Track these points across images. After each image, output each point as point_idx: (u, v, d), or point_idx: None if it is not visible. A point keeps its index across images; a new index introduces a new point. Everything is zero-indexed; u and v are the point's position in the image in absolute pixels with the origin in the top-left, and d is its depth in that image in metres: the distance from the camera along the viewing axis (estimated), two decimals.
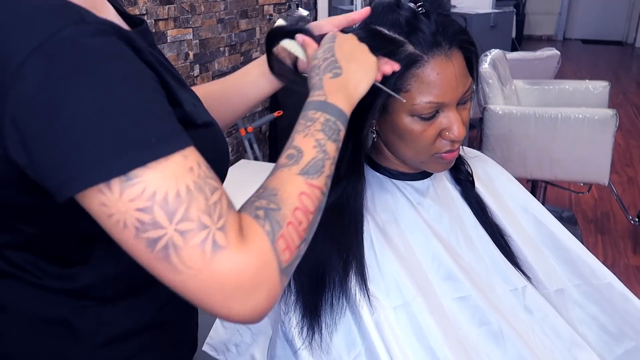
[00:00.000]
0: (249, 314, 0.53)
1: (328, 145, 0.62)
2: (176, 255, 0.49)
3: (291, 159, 0.60)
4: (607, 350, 0.98)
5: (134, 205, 0.49)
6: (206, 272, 0.50)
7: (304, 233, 0.57)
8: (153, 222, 0.49)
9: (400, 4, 0.81)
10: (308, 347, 0.84)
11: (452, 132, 0.82)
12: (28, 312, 0.66)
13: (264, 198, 0.56)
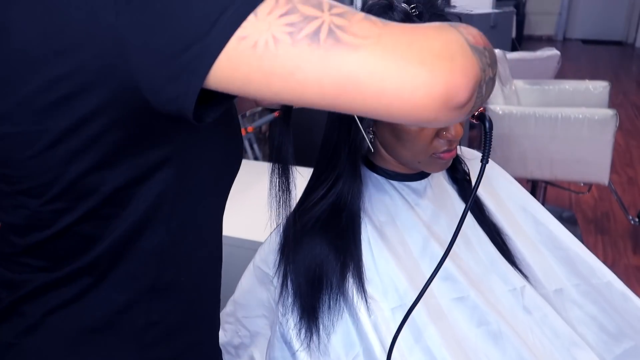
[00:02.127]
0: (451, 70, 0.44)
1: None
2: (346, 33, 0.43)
3: None
4: (606, 350, 0.98)
5: (275, 14, 0.43)
6: (387, 34, 0.44)
7: (483, 45, 0.49)
8: (305, 17, 0.43)
9: (393, 5, 0.81)
10: (306, 349, 0.84)
11: (449, 132, 0.82)
12: (66, 325, 0.63)
13: None
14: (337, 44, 0.43)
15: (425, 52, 0.44)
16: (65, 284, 0.61)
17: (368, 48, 0.43)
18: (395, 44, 0.44)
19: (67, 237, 0.59)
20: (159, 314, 0.66)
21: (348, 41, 0.43)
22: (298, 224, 0.87)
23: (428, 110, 0.44)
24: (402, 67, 0.43)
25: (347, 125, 0.84)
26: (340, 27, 0.43)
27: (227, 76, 0.45)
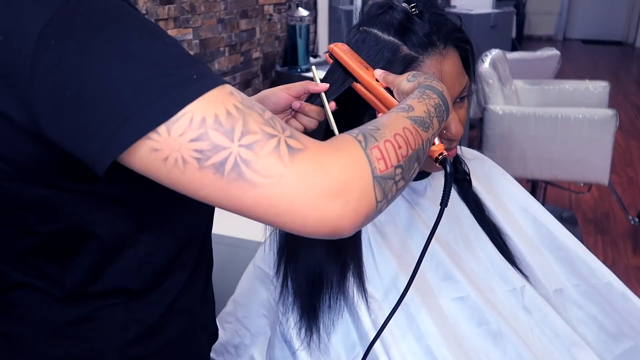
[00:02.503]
0: (341, 215, 0.48)
1: (435, 120, 0.63)
2: (249, 169, 0.46)
3: (401, 109, 0.60)
4: (606, 350, 0.98)
5: (186, 138, 0.46)
6: (289, 176, 0.47)
7: (402, 159, 0.54)
8: (213, 146, 0.46)
9: (393, 5, 0.81)
10: (306, 348, 0.84)
11: (449, 131, 0.82)
12: (51, 317, 0.65)
13: (363, 125, 0.56)
14: (240, 178, 0.46)
15: (321, 196, 0.47)
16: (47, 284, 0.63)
17: (267, 188, 0.47)
18: (294, 186, 0.47)
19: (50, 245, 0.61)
20: (140, 312, 0.67)
21: (250, 178, 0.46)
22: None
23: (319, 236, 0.49)
24: (295, 209, 0.47)
25: (348, 125, 0.84)
26: (245, 162, 0.46)
27: (139, 169, 0.48)
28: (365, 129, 0.54)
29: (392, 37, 0.79)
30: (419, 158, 0.58)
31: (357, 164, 0.50)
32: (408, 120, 0.58)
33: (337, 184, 0.48)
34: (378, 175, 0.51)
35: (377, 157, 0.51)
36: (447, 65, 0.79)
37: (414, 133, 0.57)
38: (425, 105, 0.63)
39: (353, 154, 0.50)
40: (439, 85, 0.68)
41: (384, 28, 0.80)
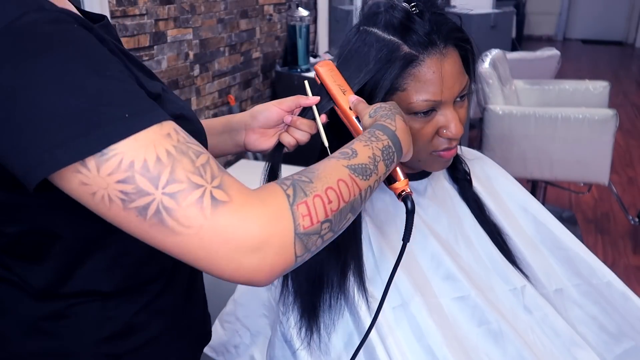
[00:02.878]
0: (256, 272, 0.50)
1: (381, 164, 0.63)
2: (170, 218, 0.48)
3: (344, 155, 0.61)
4: (606, 350, 0.98)
5: (114, 178, 0.48)
6: (208, 228, 0.48)
7: (330, 213, 0.55)
8: (138, 191, 0.48)
9: (394, 4, 0.81)
10: (307, 348, 0.84)
11: (449, 130, 0.82)
12: (26, 312, 0.66)
13: (299, 173, 0.56)
14: (161, 224, 0.48)
15: (238, 250, 0.49)
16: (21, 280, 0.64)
17: (186, 237, 0.48)
18: (212, 238, 0.49)
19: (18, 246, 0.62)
20: (115, 310, 0.68)
21: (170, 225, 0.48)
22: None
23: (237, 283, 0.51)
24: (212, 259, 0.49)
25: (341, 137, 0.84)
26: (167, 209, 0.48)
27: (71, 195, 0.50)
28: (298, 180, 0.54)
29: (392, 37, 0.79)
30: (354, 209, 0.59)
31: (279, 221, 0.51)
32: (346, 170, 0.59)
33: (255, 240, 0.49)
34: (301, 232, 0.52)
35: (303, 213, 0.52)
36: (447, 64, 0.79)
37: (350, 185, 0.58)
38: (371, 149, 0.63)
39: (277, 210, 0.51)
40: (392, 124, 0.68)
41: (384, 27, 0.80)
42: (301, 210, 0.52)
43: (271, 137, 0.86)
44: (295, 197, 0.52)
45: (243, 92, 2.39)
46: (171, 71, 1.87)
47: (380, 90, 0.79)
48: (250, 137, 0.87)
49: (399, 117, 0.71)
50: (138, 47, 1.69)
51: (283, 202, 0.52)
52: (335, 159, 0.60)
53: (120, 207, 0.48)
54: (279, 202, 0.51)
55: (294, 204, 0.52)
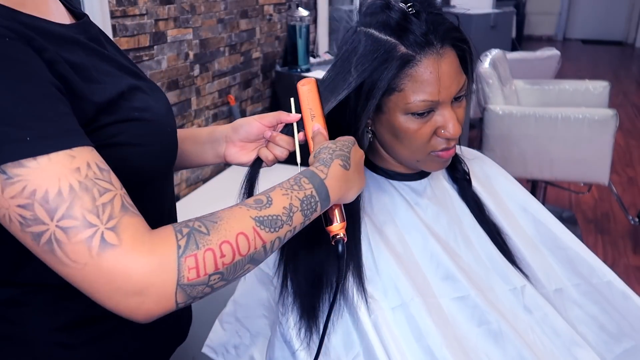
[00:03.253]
0: (134, 312, 0.53)
1: (298, 214, 0.63)
2: (60, 249, 0.51)
3: (257, 203, 0.61)
4: (606, 350, 0.98)
5: (15, 202, 0.51)
6: (92, 267, 0.51)
7: (222, 267, 0.56)
8: (35, 219, 0.51)
9: (390, 5, 0.81)
10: (306, 348, 0.84)
11: (447, 130, 0.82)
12: None
13: (201, 220, 0.57)
14: (51, 253, 0.52)
15: (117, 292, 0.52)
16: None
17: (72, 270, 0.52)
18: (95, 277, 0.52)
19: None
20: (70, 301, 0.69)
21: (59, 256, 0.51)
22: None
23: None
24: (94, 293, 0.53)
25: (345, 125, 0.84)
26: (58, 241, 0.51)
27: None
28: (196, 230, 0.56)
29: (389, 37, 0.79)
30: (255, 260, 0.60)
31: (162, 272, 0.52)
32: (252, 222, 0.59)
33: (135, 287, 0.52)
34: (184, 283, 0.54)
35: (190, 266, 0.54)
36: (444, 64, 0.79)
37: (252, 238, 0.58)
38: (289, 199, 0.63)
39: (163, 261, 0.53)
40: (324, 172, 0.68)
41: (380, 28, 0.80)
42: (188, 263, 0.54)
43: (251, 151, 0.87)
44: (185, 249, 0.54)
45: (243, 92, 2.39)
46: (171, 71, 1.87)
47: (378, 91, 0.79)
48: (231, 149, 0.88)
49: (337, 162, 0.70)
50: (138, 47, 1.69)
51: (172, 252, 0.53)
52: (246, 208, 0.60)
53: (19, 228, 0.52)
54: (167, 253, 0.53)
55: (183, 255, 0.53)
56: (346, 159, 0.71)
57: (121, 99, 0.66)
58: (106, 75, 0.67)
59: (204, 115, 2.11)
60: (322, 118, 0.80)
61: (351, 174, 0.71)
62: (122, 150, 0.65)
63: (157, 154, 0.71)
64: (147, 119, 0.69)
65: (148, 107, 0.70)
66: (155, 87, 0.79)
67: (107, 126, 0.64)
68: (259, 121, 0.85)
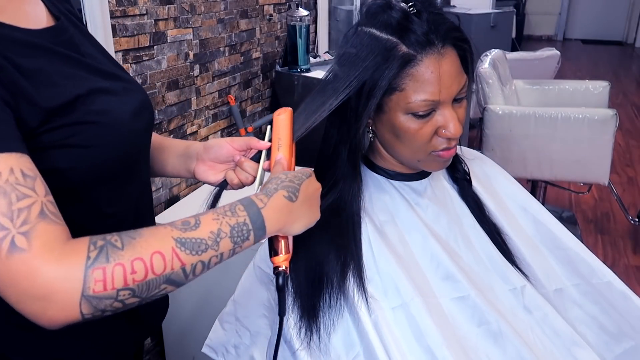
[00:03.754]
0: (38, 317, 0.54)
1: (226, 240, 0.63)
2: None
3: (183, 225, 0.61)
4: (606, 350, 0.98)
5: None
6: (0, 269, 0.52)
7: (133, 283, 0.56)
8: None
9: (391, 4, 0.81)
10: (306, 348, 0.84)
11: (448, 130, 0.82)
12: None
13: (121, 235, 0.58)
14: None
15: (23, 295, 0.53)
16: None
17: None
18: (3, 278, 0.53)
19: None
20: None
21: None
22: None
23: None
24: (3, 294, 0.54)
25: (346, 125, 0.84)
26: None
27: None
28: (111, 243, 0.56)
29: (390, 36, 0.79)
30: (173, 281, 0.60)
31: (67, 280, 0.53)
32: (172, 243, 0.59)
33: (39, 292, 0.53)
34: (90, 295, 0.54)
35: (97, 278, 0.54)
36: (445, 64, 0.79)
37: (169, 259, 0.58)
38: (219, 224, 0.63)
39: (70, 270, 0.54)
40: (263, 201, 0.68)
41: (382, 27, 0.80)
42: (95, 275, 0.54)
43: (220, 171, 0.88)
44: (95, 261, 0.54)
45: (243, 92, 2.39)
46: (171, 71, 1.87)
47: (379, 90, 0.79)
48: (200, 167, 0.89)
49: (281, 192, 0.70)
50: (138, 47, 1.69)
51: (80, 263, 0.54)
52: (170, 228, 0.60)
53: None
54: (75, 263, 0.54)
55: (91, 267, 0.54)
56: (293, 191, 0.71)
57: (78, 102, 0.67)
58: (67, 79, 0.68)
59: (204, 115, 2.11)
60: (289, 149, 0.80)
61: (297, 206, 0.70)
62: (74, 152, 0.66)
63: (111, 156, 0.72)
64: (103, 122, 0.70)
65: (108, 110, 0.71)
66: (133, 88, 0.80)
67: (61, 128, 0.65)
68: (229, 144, 0.86)
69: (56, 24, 0.74)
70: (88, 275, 0.54)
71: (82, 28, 0.82)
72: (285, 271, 0.73)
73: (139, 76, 1.70)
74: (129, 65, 1.65)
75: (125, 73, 0.84)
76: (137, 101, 0.79)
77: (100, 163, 0.70)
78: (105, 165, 0.71)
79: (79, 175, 0.69)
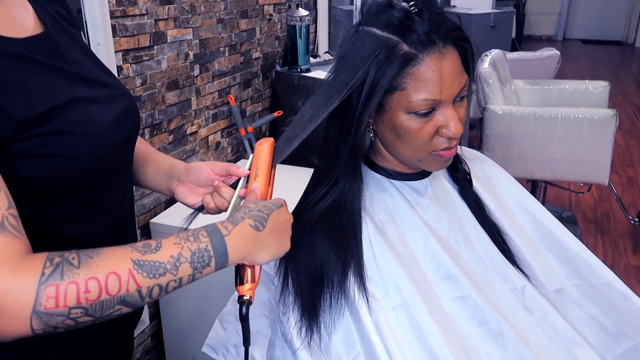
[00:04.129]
0: None
1: (185, 266, 0.63)
2: None
3: (143, 247, 0.62)
4: (606, 350, 0.98)
5: None
6: None
7: (86, 302, 0.56)
8: None
9: (392, 4, 0.81)
10: (307, 347, 0.84)
11: (449, 129, 0.82)
12: None
13: (79, 253, 0.58)
14: None
15: None
16: None
17: None
18: None
19: None
20: None
21: None
22: (299, 222, 0.87)
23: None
24: None
25: (347, 124, 0.84)
26: None
27: None
28: (67, 261, 0.57)
29: (392, 35, 0.79)
30: (128, 303, 0.60)
31: (19, 295, 0.53)
32: (129, 264, 0.59)
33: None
34: (41, 311, 0.54)
35: (49, 295, 0.54)
36: (446, 63, 0.79)
37: (125, 280, 0.59)
38: (180, 248, 0.63)
39: (22, 286, 0.54)
40: (228, 228, 0.68)
41: (383, 26, 0.80)
42: (48, 292, 0.54)
43: (198, 195, 0.89)
44: (49, 277, 0.55)
45: (243, 92, 2.39)
46: (171, 71, 1.87)
47: (380, 89, 0.79)
48: (180, 188, 0.90)
49: (248, 221, 0.70)
50: (138, 47, 1.69)
51: (33, 278, 0.54)
52: (130, 250, 0.61)
53: None
54: (28, 278, 0.54)
55: (44, 283, 0.54)
56: (261, 220, 0.71)
57: (54, 112, 0.67)
58: (46, 89, 0.68)
59: (204, 115, 2.11)
60: (266, 178, 0.81)
61: (263, 236, 0.70)
62: (47, 161, 0.66)
63: (85, 165, 0.71)
64: (79, 132, 0.70)
65: (86, 119, 0.71)
66: (118, 95, 0.80)
67: (35, 137, 0.65)
68: (210, 168, 0.87)
69: (41, 32, 0.73)
70: (41, 291, 0.54)
71: (72, 32, 0.81)
72: (250, 300, 0.73)
73: (139, 76, 1.70)
74: (129, 65, 1.65)
75: (113, 79, 0.83)
76: (120, 109, 0.78)
77: (74, 172, 0.70)
78: (79, 174, 0.71)
79: (52, 184, 0.69)
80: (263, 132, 2.62)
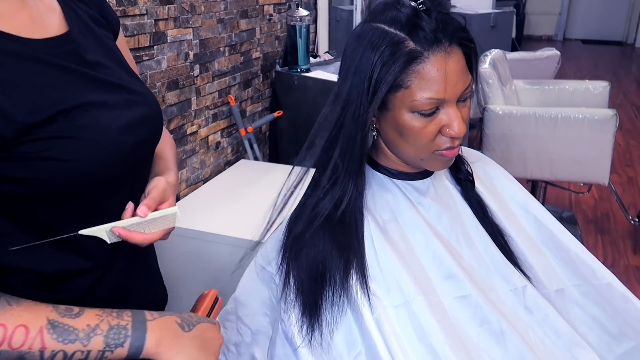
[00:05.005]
0: None
1: (98, 338, 0.63)
2: None
3: (65, 310, 0.63)
4: (607, 351, 0.98)
5: None
6: None
7: None
8: None
9: (401, 1, 0.81)
10: (308, 345, 0.84)
11: (452, 129, 0.82)
12: None
13: (5, 296, 0.58)
14: None
15: None
16: None
17: None
18: None
19: None
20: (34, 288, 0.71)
21: None
22: (301, 221, 0.87)
23: None
24: None
25: (351, 122, 0.84)
26: None
27: None
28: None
29: (399, 31, 0.79)
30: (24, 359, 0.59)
31: None
32: (44, 322, 0.60)
33: None
34: None
35: None
36: (451, 62, 0.80)
37: (33, 336, 0.59)
38: (99, 320, 0.64)
39: None
40: (153, 316, 0.68)
41: (390, 23, 0.80)
42: None
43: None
44: None
45: (243, 92, 2.39)
46: (171, 71, 1.87)
47: (384, 85, 0.79)
48: None
49: (174, 318, 0.70)
50: (138, 47, 1.69)
51: None
52: (51, 308, 0.61)
53: None
54: None
55: None
56: (187, 323, 0.71)
57: (60, 116, 0.67)
58: (56, 91, 0.67)
59: (204, 115, 2.11)
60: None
61: (187, 337, 0.71)
62: (48, 164, 0.66)
63: (87, 170, 0.71)
64: (83, 137, 0.69)
65: (93, 124, 0.70)
66: (138, 101, 0.78)
67: (38, 141, 0.65)
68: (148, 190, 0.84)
69: (62, 34, 0.73)
70: None
71: (99, 34, 0.80)
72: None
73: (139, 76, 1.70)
74: None
75: (139, 84, 0.82)
76: (136, 115, 0.77)
77: (77, 176, 0.70)
78: (82, 178, 0.71)
79: (54, 186, 0.68)
80: (263, 132, 2.62)
